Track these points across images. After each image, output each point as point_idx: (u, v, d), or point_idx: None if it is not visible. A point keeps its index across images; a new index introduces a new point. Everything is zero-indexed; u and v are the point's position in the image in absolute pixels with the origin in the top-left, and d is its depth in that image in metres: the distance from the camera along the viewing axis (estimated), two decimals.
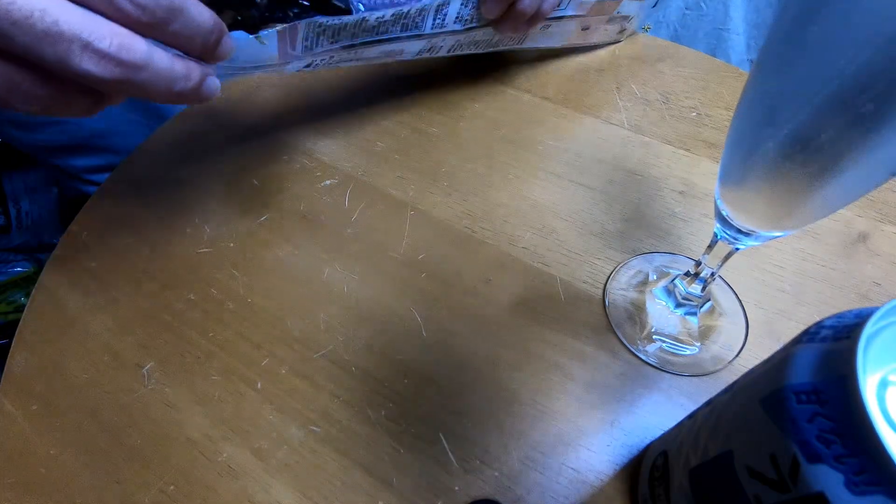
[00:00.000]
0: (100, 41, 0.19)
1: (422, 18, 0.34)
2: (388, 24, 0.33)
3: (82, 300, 0.33)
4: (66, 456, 0.28)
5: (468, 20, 0.37)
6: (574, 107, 0.45)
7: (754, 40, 0.74)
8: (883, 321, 0.14)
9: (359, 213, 0.37)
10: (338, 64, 0.35)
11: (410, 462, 0.27)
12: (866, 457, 0.12)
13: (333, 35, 0.32)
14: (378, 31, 0.34)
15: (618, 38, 0.50)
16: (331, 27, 0.31)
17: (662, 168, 0.40)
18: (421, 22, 0.35)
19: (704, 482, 0.19)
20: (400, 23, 0.34)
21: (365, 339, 0.31)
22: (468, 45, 0.40)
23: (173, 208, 0.38)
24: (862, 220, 0.36)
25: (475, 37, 0.39)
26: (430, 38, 0.36)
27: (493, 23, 0.37)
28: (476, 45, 0.41)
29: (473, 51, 0.41)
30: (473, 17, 0.36)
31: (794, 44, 0.17)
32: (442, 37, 0.37)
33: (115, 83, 0.20)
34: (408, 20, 0.34)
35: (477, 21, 0.37)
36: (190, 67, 0.23)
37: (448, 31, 0.37)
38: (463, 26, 0.37)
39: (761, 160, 0.20)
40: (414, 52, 0.38)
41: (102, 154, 0.54)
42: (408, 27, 0.35)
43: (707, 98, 0.45)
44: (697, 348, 0.31)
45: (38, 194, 0.82)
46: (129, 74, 0.20)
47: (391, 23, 0.33)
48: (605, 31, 0.48)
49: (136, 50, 0.20)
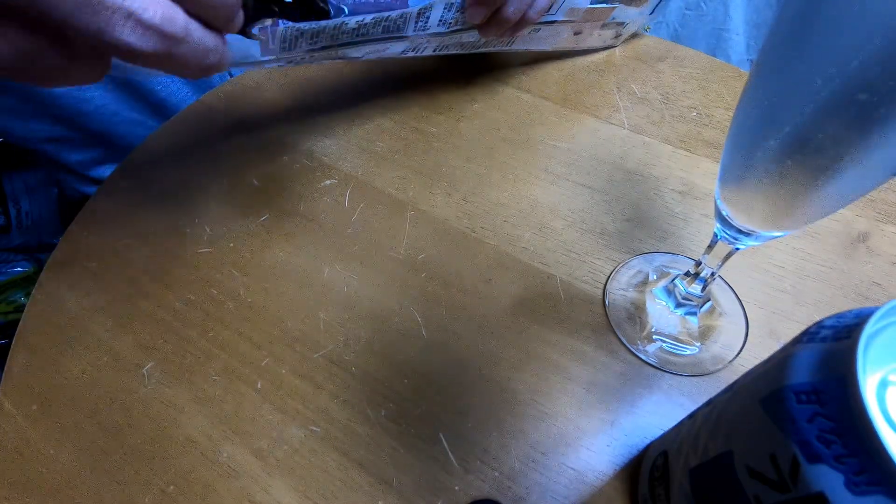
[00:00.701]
0: (144, 11, 0.18)
1: (404, 22, 0.34)
2: (369, 27, 0.33)
3: (82, 300, 0.33)
4: (66, 456, 0.28)
5: (452, 23, 0.36)
6: (574, 107, 0.45)
7: (754, 40, 0.74)
8: (883, 321, 0.14)
9: (359, 213, 0.37)
10: (319, 61, 0.35)
11: (410, 462, 0.27)
12: (866, 457, 0.12)
13: (312, 38, 0.32)
14: (358, 34, 0.33)
15: (613, 42, 0.49)
16: (308, 31, 0.31)
17: (662, 168, 0.40)
18: (403, 25, 0.34)
19: (704, 482, 0.19)
20: (381, 25, 0.34)
21: (365, 339, 0.31)
22: (453, 47, 0.40)
23: (173, 208, 0.38)
24: (862, 220, 0.36)
25: (461, 39, 0.39)
26: (412, 39, 0.36)
27: (477, 27, 0.37)
28: (462, 46, 0.40)
29: (460, 51, 0.41)
30: (458, 20, 0.36)
31: (793, 43, 0.17)
32: (426, 38, 0.37)
33: (153, 56, 0.19)
34: (389, 23, 0.34)
35: (462, 24, 0.37)
36: (217, 39, 0.22)
37: (431, 34, 0.36)
38: (447, 29, 0.36)
39: (761, 160, 0.20)
40: (397, 52, 0.37)
41: (97, 148, 0.54)
42: (389, 30, 0.34)
43: (707, 98, 0.45)
44: (697, 348, 0.31)
45: (38, 194, 0.82)
46: (170, 47, 0.19)
47: (371, 26, 0.33)
48: (599, 36, 0.48)
49: (178, 22, 0.19)
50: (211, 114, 0.45)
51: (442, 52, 0.40)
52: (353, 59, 0.37)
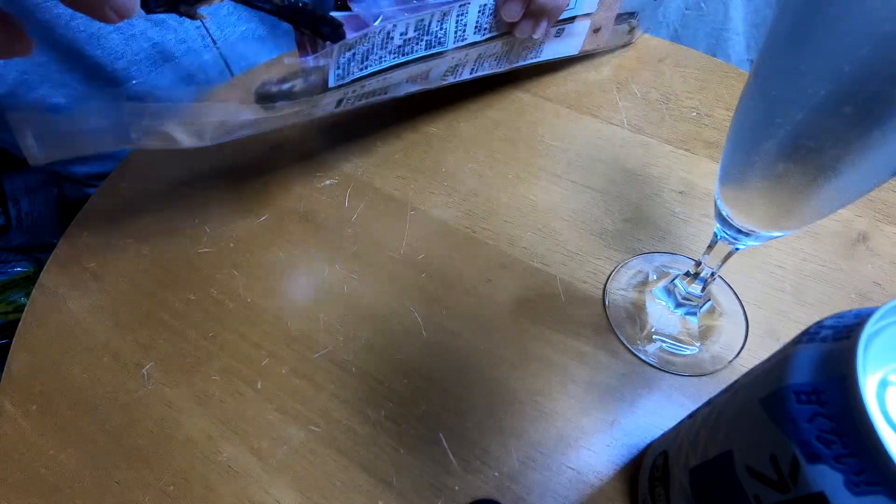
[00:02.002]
0: None
1: (444, 33, 0.35)
2: (413, 43, 0.34)
3: (82, 300, 0.33)
4: (65, 456, 0.28)
5: (487, 29, 0.37)
6: (574, 107, 0.45)
7: (754, 40, 0.74)
8: (883, 321, 0.14)
9: (359, 213, 0.37)
10: (367, 100, 0.36)
11: (410, 462, 0.27)
12: (866, 457, 0.12)
13: (363, 59, 0.33)
14: (403, 52, 0.34)
15: (628, 39, 0.50)
16: (354, 45, 0.31)
17: (662, 168, 0.40)
18: (444, 37, 0.35)
19: (704, 482, 0.19)
20: (423, 40, 0.35)
21: (365, 339, 0.31)
22: (489, 61, 0.41)
23: (173, 208, 0.38)
24: (862, 220, 0.36)
25: (495, 49, 0.40)
26: (452, 53, 0.37)
27: (511, 26, 0.38)
28: (497, 59, 0.41)
29: (495, 69, 0.42)
30: (491, 25, 0.37)
31: (793, 43, 0.17)
32: (464, 51, 0.38)
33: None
34: (431, 37, 0.35)
35: (497, 29, 0.38)
36: None
37: (469, 44, 0.37)
38: (482, 36, 0.37)
39: (761, 160, 0.20)
40: (440, 73, 0.38)
41: (102, 161, 0.54)
42: (431, 44, 0.35)
43: (707, 98, 0.45)
44: (697, 348, 0.31)
45: (38, 194, 0.82)
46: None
47: (415, 40, 0.34)
48: (616, 32, 0.48)
49: None
50: None
51: (479, 74, 0.41)
52: (398, 90, 0.38)
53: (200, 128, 0.29)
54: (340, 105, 0.35)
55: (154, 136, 0.28)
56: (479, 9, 0.36)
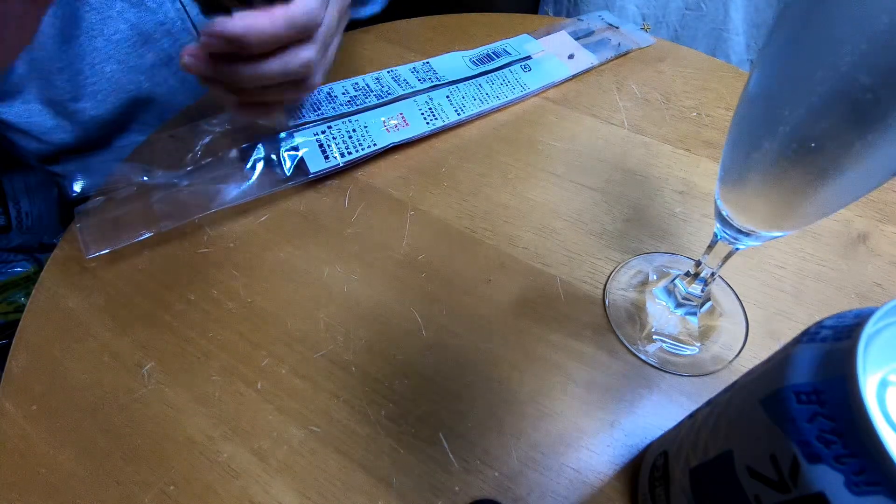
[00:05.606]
0: None
1: (389, 87, 0.44)
2: (362, 97, 0.43)
3: (82, 300, 0.33)
4: (65, 456, 0.28)
5: (428, 80, 0.45)
6: (574, 107, 0.45)
7: (754, 40, 0.74)
8: (883, 321, 0.14)
9: (359, 213, 0.37)
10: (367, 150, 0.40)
11: (410, 462, 0.27)
12: (866, 457, 0.12)
13: (314, 108, 0.41)
14: (356, 104, 0.42)
15: (618, 51, 0.50)
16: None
17: (662, 168, 0.40)
18: (390, 89, 0.43)
19: (704, 482, 0.19)
20: (371, 94, 0.43)
21: (365, 339, 0.31)
22: (470, 101, 0.44)
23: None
24: (862, 220, 0.36)
25: (480, 89, 0.45)
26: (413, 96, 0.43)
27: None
28: (477, 99, 0.45)
29: (480, 108, 0.44)
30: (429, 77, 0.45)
31: (793, 43, 0.17)
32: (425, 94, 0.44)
33: None
34: (379, 90, 0.43)
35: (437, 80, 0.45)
36: None
37: (418, 90, 0.44)
38: (430, 84, 0.45)
39: (761, 160, 0.20)
40: (423, 127, 0.42)
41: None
42: (381, 96, 0.42)
43: (707, 98, 0.45)
44: (697, 348, 0.31)
45: (38, 194, 0.82)
46: None
47: (361, 97, 0.43)
48: (608, 45, 0.50)
49: None
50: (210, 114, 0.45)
51: (465, 116, 0.43)
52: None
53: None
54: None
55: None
56: (411, 69, 0.45)
